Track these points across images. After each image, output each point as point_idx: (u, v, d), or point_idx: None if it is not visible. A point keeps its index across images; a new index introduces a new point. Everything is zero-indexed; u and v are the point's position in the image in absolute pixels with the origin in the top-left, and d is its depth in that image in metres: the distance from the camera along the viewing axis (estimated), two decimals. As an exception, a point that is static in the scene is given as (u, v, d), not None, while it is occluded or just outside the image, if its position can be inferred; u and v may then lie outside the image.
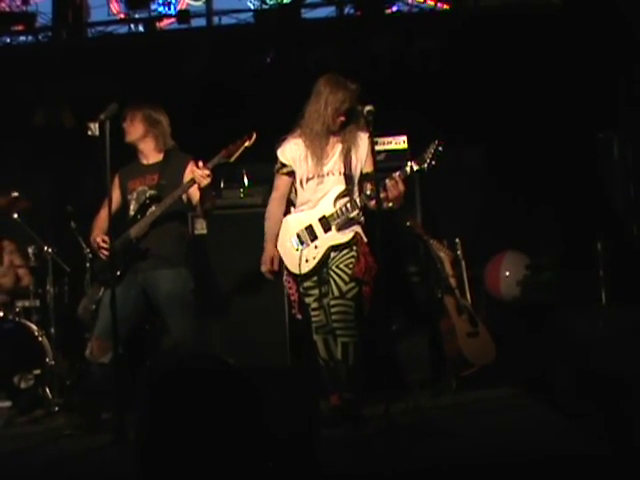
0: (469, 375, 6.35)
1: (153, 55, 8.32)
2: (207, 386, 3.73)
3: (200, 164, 5.31)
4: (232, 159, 5.35)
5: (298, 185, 5.39)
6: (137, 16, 8.89)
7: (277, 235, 5.41)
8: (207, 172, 5.26)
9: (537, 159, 7.67)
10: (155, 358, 6.37)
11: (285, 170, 5.43)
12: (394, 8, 8.50)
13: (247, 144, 5.32)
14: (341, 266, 5.28)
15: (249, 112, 7.56)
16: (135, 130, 5.67)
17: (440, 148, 5.10)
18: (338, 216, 5.27)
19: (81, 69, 8.30)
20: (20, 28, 8.91)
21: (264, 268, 5.42)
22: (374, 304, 5.29)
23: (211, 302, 6.46)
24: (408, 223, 6.62)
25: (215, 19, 8.84)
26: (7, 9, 8.89)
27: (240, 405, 3.68)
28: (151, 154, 5.71)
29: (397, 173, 5.13)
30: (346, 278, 5.25)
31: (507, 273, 7.47)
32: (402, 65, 7.98)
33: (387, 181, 5.12)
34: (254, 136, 5.33)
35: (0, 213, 6.96)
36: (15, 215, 6.81)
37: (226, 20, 8.82)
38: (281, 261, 5.41)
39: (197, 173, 5.27)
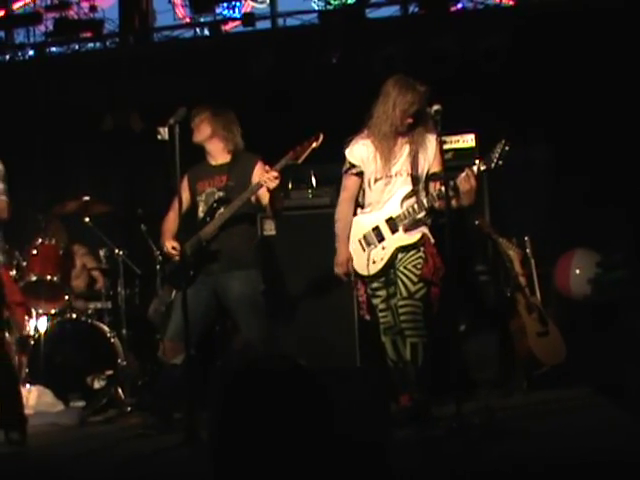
0: (539, 375, 6.30)
1: (219, 58, 8.40)
2: (279, 387, 3.75)
3: (267, 167, 5.33)
4: (300, 161, 5.36)
5: (366, 186, 5.38)
6: (202, 20, 8.98)
7: (349, 236, 5.39)
8: (275, 174, 5.27)
9: (607, 156, 7.55)
10: (227, 359, 6.42)
11: (354, 170, 5.41)
12: (458, 5, 8.45)
13: (314, 145, 5.33)
14: (409, 267, 5.26)
15: (315, 112, 7.56)
16: (203, 130, 5.69)
17: (507, 147, 5.08)
18: (405, 217, 5.25)
19: (148, 74, 8.44)
20: (88, 35, 9.08)
21: (340, 270, 5.40)
22: (443, 304, 5.27)
23: (281, 303, 6.47)
24: (477, 222, 6.59)
25: (280, 21, 8.87)
26: (75, 17, 9.05)
27: (311, 406, 3.70)
28: (219, 155, 5.73)
29: (468, 168, 5.12)
30: (414, 279, 5.23)
31: (577, 271, 7.36)
32: (468, 63, 7.92)
33: (461, 176, 5.10)
34: (321, 137, 5.34)
35: (72, 217, 7.11)
36: (87, 219, 6.95)
37: (291, 22, 8.84)
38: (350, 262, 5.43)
39: (265, 176, 5.29)
